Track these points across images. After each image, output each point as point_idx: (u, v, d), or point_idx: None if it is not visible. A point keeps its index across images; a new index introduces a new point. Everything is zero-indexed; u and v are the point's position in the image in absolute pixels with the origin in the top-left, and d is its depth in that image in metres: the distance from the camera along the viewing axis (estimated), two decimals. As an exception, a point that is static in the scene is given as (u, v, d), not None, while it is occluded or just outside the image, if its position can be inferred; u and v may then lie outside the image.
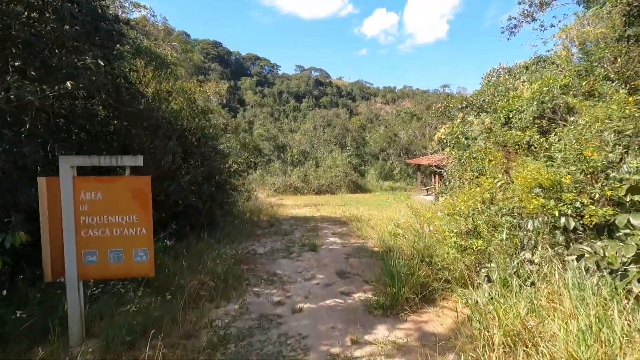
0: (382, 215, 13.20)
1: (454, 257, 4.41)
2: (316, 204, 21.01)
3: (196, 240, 7.69)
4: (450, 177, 11.59)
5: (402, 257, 6.49)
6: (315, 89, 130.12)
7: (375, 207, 19.46)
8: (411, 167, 33.22)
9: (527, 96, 8.07)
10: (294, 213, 16.49)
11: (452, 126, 13.06)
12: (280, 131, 39.43)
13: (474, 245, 4.35)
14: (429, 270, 4.99)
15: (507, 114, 7.86)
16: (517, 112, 7.61)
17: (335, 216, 15.03)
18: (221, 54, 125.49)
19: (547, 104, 6.86)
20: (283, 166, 33.40)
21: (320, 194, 28.86)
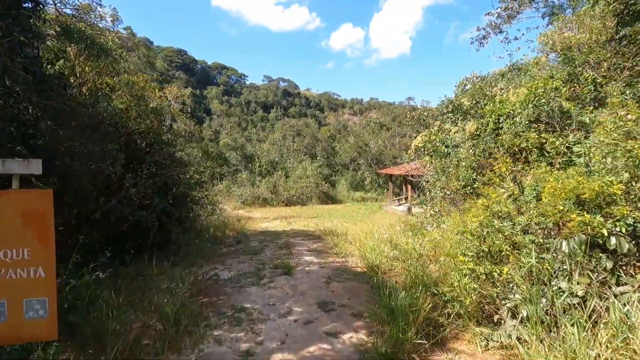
0: (359, 229, 12.31)
1: (470, 287, 3.53)
2: (287, 216, 19.85)
3: (145, 266, 6.35)
4: (431, 187, 10.95)
5: (397, 283, 5.57)
6: (283, 99, 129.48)
7: (349, 218, 18.61)
8: (382, 178, 32.93)
9: (516, 100, 7.52)
10: (263, 227, 15.24)
11: (430, 134, 12.52)
12: (248, 140, 37.98)
13: (495, 272, 3.48)
14: (434, 301, 4.07)
15: (496, 118, 7.27)
16: (507, 117, 7.02)
17: (308, 230, 13.97)
18: (186, 62, 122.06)
19: (544, 107, 6.31)
20: (251, 177, 31.95)
21: (290, 205, 27.69)
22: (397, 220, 12.70)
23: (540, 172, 4.38)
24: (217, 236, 11.56)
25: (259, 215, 20.51)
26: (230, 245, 10.46)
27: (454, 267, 3.95)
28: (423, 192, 13.23)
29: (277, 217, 19.31)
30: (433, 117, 15.13)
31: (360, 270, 7.05)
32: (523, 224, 3.96)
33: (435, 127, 12.83)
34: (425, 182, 11.67)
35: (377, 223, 13.42)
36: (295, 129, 38.80)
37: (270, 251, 9.40)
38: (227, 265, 7.51)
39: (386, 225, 12.04)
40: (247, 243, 10.79)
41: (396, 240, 8.32)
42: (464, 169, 8.32)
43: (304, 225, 15.46)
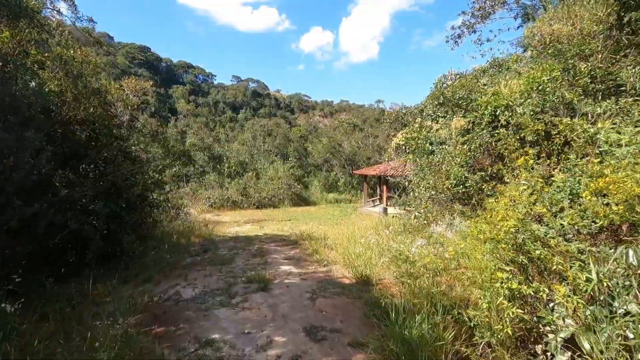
0: (339, 232, 11.45)
1: (509, 310, 2.71)
2: (259, 219, 18.66)
3: (84, 286, 5.11)
4: (415, 187, 10.28)
5: (395, 297, 4.70)
6: (253, 100, 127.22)
7: (324, 221, 17.72)
8: (356, 179, 32.40)
9: (510, 92, 6.94)
10: (233, 232, 14.02)
11: (411, 131, 11.90)
12: (216, 141, 36.20)
13: (542, 292, 2.67)
14: (454, 326, 3.23)
15: (492, 111, 6.65)
16: (506, 109, 6.40)
17: (283, 234, 12.92)
18: (150, 59, 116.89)
19: (549, 95, 5.73)
20: (220, 178, 30.33)
21: (261, 208, 26.43)
22: (377, 222, 11.96)
23: (572, 164, 3.69)
24: (181, 244, 10.26)
25: (228, 219, 19.17)
26: (195, 254, 9.22)
27: (482, 284, 3.14)
28: (405, 193, 12.61)
29: (249, 221, 18.09)
30: (412, 115, 14.60)
31: (347, 281, 6.14)
32: (558, 228, 3.22)
33: (416, 125, 12.24)
34: (408, 182, 11.01)
35: (357, 225, 12.63)
36: (266, 129, 37.48)
37: (242, 260, 8.29)
38: (190, 280, 6.34)
39: (367, 228, 11.26)
40: (216, 251, 9.60)
41: (385, 245, 7.51)
42: (455, 167, 7.66)
43: (278, 229, 14.40)
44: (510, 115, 6.30)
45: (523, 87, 6.28)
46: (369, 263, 6.88)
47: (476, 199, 7.32)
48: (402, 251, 5.99)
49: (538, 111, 5.77)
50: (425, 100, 13.63)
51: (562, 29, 8.44)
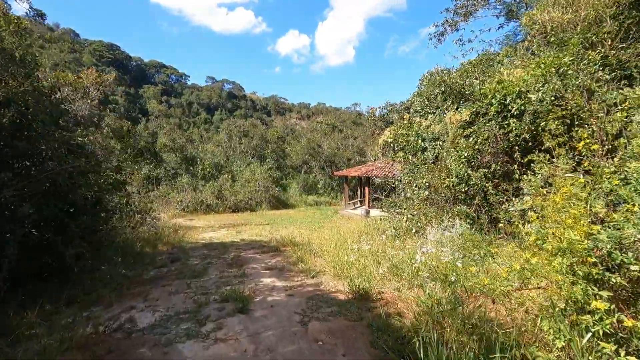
0: (323, 237, 10.50)
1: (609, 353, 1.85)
2: (235, 224, 17.40)
3: (9, 313, 3.90)
4: (406, 187, 9.49)
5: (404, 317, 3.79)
6: (228, 101, 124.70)
7: (305, 225, 16.72)
8: (335, 180, 31.59)
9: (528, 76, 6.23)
10: (207, 238, 12.76)
11: (399, 127, 11.16)
12: (189, 141, 34.41)
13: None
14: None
15: (501, 99, 5.93)
16: (518, 96, 5.69)
17: (262, 240, 11.82)
18: (119, 58, 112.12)
19: (570, 80, 5.05)
20: (193, 181, 28.70)
21: (238, 211, 25.09)
22: (365, 226, 11.09)
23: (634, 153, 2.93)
24: (146, 254, 8.99)
25: (202, 224, 17.80)
26: (162, 265, 8.00)
27: (554, 314, 2.27)
28: (394, 193, 11.82)
29: (224, 225, 16.81)
30: (397, 112, 13.90)
31: (343, 297, 5.18)
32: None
33: (405, 121, 11.51)
34: (398, 182, 10.23)
35: (343, 229, 11.72)
36: (242, 130, 36.06)
37: (217, 272, 7.17)
38: (151, 301, 5.18)
39: (354, 232, 10.37)
40: (186, 261, 8.41)
41: (380, 252, 6.61)
42: (457, 164, 6.90)
43: (256, 234, 13.26)
44: (523, 104, 5.58)
45: (539, 72, 5.58)
46: (364, 273, 5.97)
47: (480, 198, 6.58)
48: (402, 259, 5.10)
49: (559, 96, 5.07)
50: (413, 97, 12.96)
51: (563, 17, 7.90)
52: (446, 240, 6.06)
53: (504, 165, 6.20)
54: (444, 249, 5.10)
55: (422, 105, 11.93)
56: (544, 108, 4.90)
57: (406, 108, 13.65)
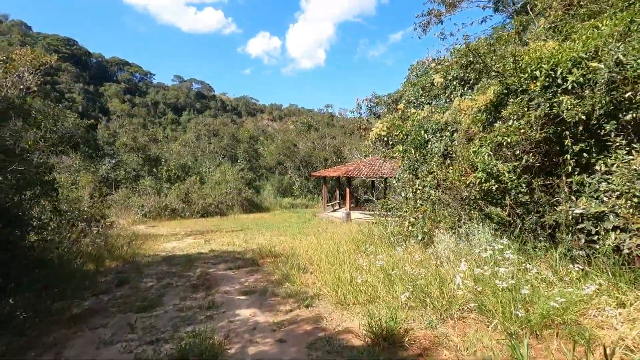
0: (309, 246, 8.96)
1: None
2: (204, 230, 15.43)
3: None
4: (408, 186, 8.13)
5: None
6: (197, 101, 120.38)
7: (283, 230, 15.06)
8: (312, 182, 30.07)
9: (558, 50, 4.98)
10: (170, 249, 10.83)
11: (394, 119, 9.82)
12: (153, 141, 31.70)
13: None
14: None
15: (548, 71, 4.64)
16: (574, 66, 4.41)
17: (235, 250, 10.06)
18: (77, 53, 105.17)
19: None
20: (157, 183, 26.21)
21: (207, 216, 22.98)
22: (357, 231, 9.62)
23: None
24: (86, 274, 7.04)
25: (165, 231, 15.70)
26: (104, 290, 6.13)
27: None
28: (388, 194, 10.45)
29: (191, 233, 14.82)
30: (386, 104, 12.60)
31: (358, 341, 3.64)
32: None
33: (399, 112, 10.19)
34: (396, 180, 8.86)
35: (330, 236, 10.20)
36: (212, 129, 33.74)
37: (176, 299, 5.43)
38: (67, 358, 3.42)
39: (344, 239, 8.89)
40: (138, 282, 6.57)
41: (390, 267, 5.14)
42: (481, 156, 5.55)
43: (228, 244, 11.47)
44: (582, 74, 4.30)
45: (608, 31, 4.33)
46: (375, 297, 4.48)
47: (512, 197, 5.28)
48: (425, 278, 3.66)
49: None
50: (404, 87, 11.70)
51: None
52: (464, 251, 4.69)
53: (546, 156, 4.93)
54: (500, 269, 3.70)
55: (416, 95, 10.68)
56: (631, 72, 3.63)
57: (394, 100, 12.39)
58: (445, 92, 9.07)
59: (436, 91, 9.48)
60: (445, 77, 9.12)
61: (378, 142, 10.10)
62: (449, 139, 7.44)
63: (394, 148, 9.39)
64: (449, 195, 6.50)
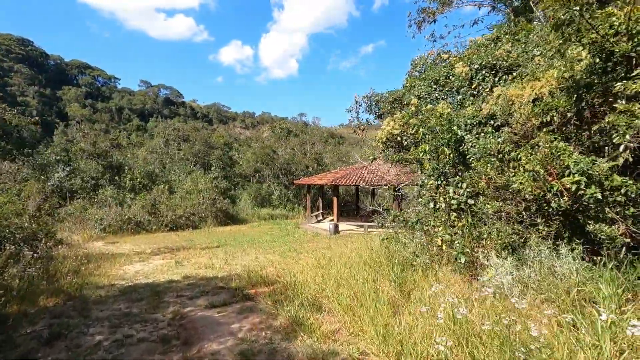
0: (308, 269, 7.21)
1: None
2: (174, 247, 13.21)
3: None
4: (440, 196, 6.60)
5: None
6: (165, 107, 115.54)
7: (268, 246, 13.14)
8: (292, 191, 28.19)
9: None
10: (132, 274, 8.67)
11: (406, 116, 8.32)
12: (115, 147, 28.72)
13: None
14: None
15: None
16: None
17: (215, 275, 8.09)
18: (32, 55, 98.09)
19: None
20: (119, 193, 23.46)
21: (177, 229, 20.56)
22: (366, 248, 7.93)
23: None
24: (8, 318, 4.91)
25: (128, 249, 13.32)
26: (25, 352, 4.07)
27: None
28: (401, 205, 8.92)
29: (159, 251, 12.56)
30: (389, 102, 11.15)
31: None
32: None
33: (412, 107, 8.72)
34: (419, 186, 7.30)
35: (328, 254, 8.46)
36: (182, 134, 31.16)
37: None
38: None
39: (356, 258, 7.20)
40: (80, 335, 4.55)
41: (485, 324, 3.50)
42: (567, 153, 4.08)
43: (206, 265, 9.44)
44: None
45: None
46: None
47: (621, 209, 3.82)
48: None
49: None
50: (412, 82, 10.29)
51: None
52: (545, 284, 3.13)
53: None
54: None
55: (427, 89, 9.27)
56: None
57: (396, 99, 10.98)
58: (472, 83, 7.69)
59: (458, 83, 8.09)
60: (470, 67, 7.76)
61: (389, 143, 8.55)
62: (492, 136, 6.00)
63: (411, 150, 7.87)
64: (509, 206, 4.98)
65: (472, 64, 7.77)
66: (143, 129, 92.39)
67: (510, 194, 4.95)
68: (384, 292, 4.85)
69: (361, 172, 18.83)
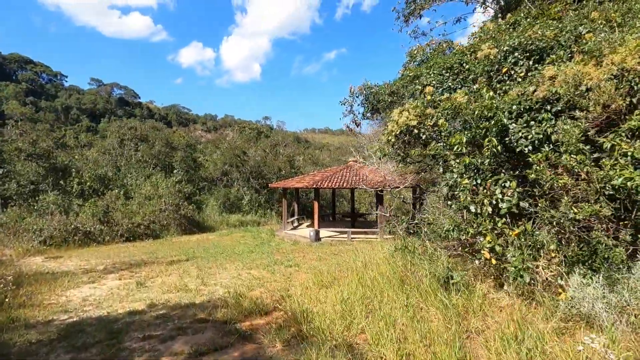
0: (302, 283, 5.77)
1: None
2: (133, 262, 11.07)
3: None
4: (482, 198, 5.41)
5: None
6: (119, 108, 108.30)
7: (248, 258, 11.40)
8: (264, 195, 26.34)
9: None
10: (77, 302, 6.65)
11: (420, 105, 7.14)
12: (60, 147, 25.33)
13: None
14: None
15: None
16: None
17: (193, 301, 6.33)
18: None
19: None
20: (64, 199, 20.43)
21: (135, 239, 18.08)
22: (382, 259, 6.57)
23: None
24: None
25: (74, 266, 10.98)
26: None
27: None
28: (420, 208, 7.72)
29: (114, 268, 10.39)
30: (389, 95, 9.97)
31: None
32: None
33: (427, 96, 7.55)
34: (449, 186, 6.08)
35: (324, 265, 7.02)
36: (139, 133, 28.28)
37: None
38: None
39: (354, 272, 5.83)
40: None
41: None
42: None
43: (178, 287, 7.59)
44: None
45: None
46: None
47: None
48: None
49: None
50: (415, 70, 9.17)
51: None
52: None
53: None
54: None
55: (438, 78, 8.18)
56: None
57: (393, 92, 9.85)
58: (501, 68, 6.64)
59: (480, 68, 7.03)
60: (499, 49, 6.73)
61: (402, 137, 7.30)
62: (548, 124, 4.91)
63: (432, 145, 6.66)
64: (605, 208, 3.85)
65: (501, 46, 6.74)
66: (94, 130, 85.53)
67: (600, 194, 3.83)
68: (433, 322, 3.52)
69: (343, 174, 17.58)
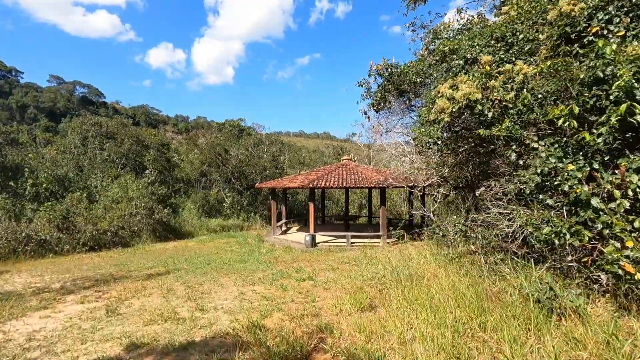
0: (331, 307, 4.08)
1: None
2: (99, 277, 8.89)
3: None
4: (587, 189, 3.98)
5: None
6: (82, 107, 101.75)
7: (243, 269, 9.52)
8: (246, 197, 24.23)
9: None
10: (19, 341, 4.61)
11: (489, 75, 5.69)
12: (10, 143, 22.15)
13: None
14: None
15: None
16: None
17: (191, 340, 4.48)
18: None
19: None
20: (15, 204, 17.59)
21: (101, 249, 15.61)
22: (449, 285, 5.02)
23: None
24: None
25: (22, 283, 8.68)
26: None
27: None
28: (477, 206, 6.27)
29: (75, 285, 8.19)
30: (414, 74, 8.48)
31: None
32: None
33: (487, 68, 6.10)
34: (539, 176, 4.61)
35: (350, 280, 5.39)
36: (105, 130, 25.42)
37: None
38: None
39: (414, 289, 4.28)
40: None
41: None
42: None
43: (163, 316, 5.65)
44: None
45: None
46: None
47: None
48: None
49: None
50: (451, 43, 7.74)
51: None
52: None
53: None
54: None
55: (487, 50, 6.77)
56: None
57: (417, 72, 8.43)
58: (588, 26, 5.30)
59: (556, 29, 5.66)
60: (586, 3, 5.39)
61: (458, 115, 5.79)
62: None
63: (503, 124, 5.18)
64: None
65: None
66: (53, 130, 79.36)
67: None
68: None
69: (340, 173, 16.02)
